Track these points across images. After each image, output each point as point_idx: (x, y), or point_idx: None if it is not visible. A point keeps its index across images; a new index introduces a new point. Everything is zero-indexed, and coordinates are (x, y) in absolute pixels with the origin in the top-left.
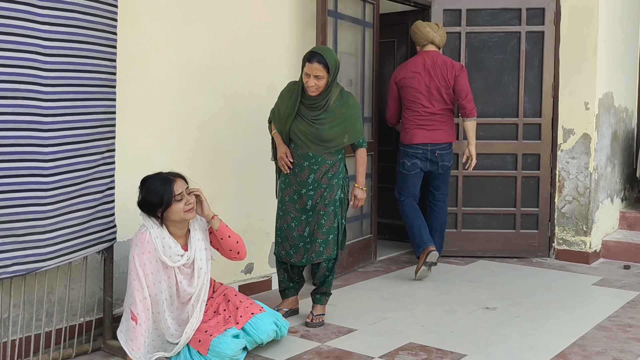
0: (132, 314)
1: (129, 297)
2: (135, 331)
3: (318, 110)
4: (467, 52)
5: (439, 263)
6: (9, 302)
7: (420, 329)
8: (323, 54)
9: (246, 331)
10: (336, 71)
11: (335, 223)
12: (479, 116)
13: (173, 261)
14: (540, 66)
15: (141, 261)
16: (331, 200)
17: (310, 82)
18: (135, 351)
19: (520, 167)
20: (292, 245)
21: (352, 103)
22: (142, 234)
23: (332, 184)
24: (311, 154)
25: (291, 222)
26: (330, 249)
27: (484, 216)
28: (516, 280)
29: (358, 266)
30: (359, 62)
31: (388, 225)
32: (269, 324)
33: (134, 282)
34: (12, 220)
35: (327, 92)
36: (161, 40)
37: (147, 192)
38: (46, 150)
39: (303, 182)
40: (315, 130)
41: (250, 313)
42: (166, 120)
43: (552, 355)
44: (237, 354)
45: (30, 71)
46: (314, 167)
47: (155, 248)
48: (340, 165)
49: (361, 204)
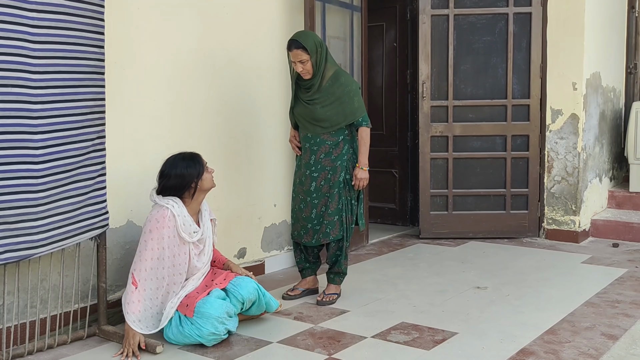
0: (134, 279)
1: (134, 264)
2: (133, 296)
3: (311, 90)
4: (455, 35)
5: (430, 245)
6: (3, 289)
7: (412, 308)
8: (299, 39)
9: (229, 292)
10: (318, 49)
11: (340, 204)
12: (469, 98)
13: (191, 237)
14: (528, 47)
15: (160, 235)
16: (335, 182)
17: (298, 68)
18: (130, 314)
19: (509, 148)
20: (303, 227)
21: (344, 81)
22: (164, 210)
23: (336, 166)
24: (310, 135)
25: (300, 204)
26: (337, 229)
27: (474, 198)
28: (507, 260)
29: (350, 249)
30: (347, 46)
31: (380, 208)
32: (250, 282)
33: (145, 252)
34: (4, 208)
35: (318, 71)
36: (148, 27)
37: (182, 168)
38: (36, 137)
39: (307, 164)
40: (309, 111)
41: (233, 276)
42: (156, 107)
43: (541, 331)
44: (222, 316)
45: (18, 58)
46: (314, 148)
47: (175, 224)
48: (344, 147)
49: (363, 184)
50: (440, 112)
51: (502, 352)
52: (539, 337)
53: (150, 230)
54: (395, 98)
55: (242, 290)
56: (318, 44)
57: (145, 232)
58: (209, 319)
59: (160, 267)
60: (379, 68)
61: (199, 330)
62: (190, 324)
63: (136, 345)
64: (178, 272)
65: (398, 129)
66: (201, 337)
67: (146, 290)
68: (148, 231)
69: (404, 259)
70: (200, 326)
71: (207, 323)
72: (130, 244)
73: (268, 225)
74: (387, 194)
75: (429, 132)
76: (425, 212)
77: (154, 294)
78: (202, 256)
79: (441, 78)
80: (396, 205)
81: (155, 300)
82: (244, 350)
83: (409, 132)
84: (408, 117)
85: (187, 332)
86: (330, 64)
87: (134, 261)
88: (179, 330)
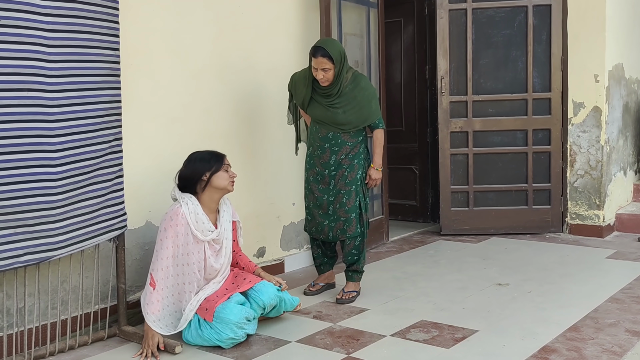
0: (152, 279)
1: (152, 264)
2: (152, 296)
3: (331, 97)
4: (474, 29)
5: (451, 241)
6: (24, 291)
7: (432, 306)
8: (326, 47)
9: (249, 297)
10: (342, 60)
11: (357, 202)
12: (488, 92)
13: (204, 235)
14: (549, 40)
15: (174, 232)
16: (352, 180)
17: (319, 75)
18: (150, 314)
19: (530, 142)
20: (319, 223)
21: (364, 85)
22: (177, 207)
23: (353, 164)
24: (331, 135)
25: (316, 201)
26: (353, 226)
27: (495, 193)
28: (529, 256)
29: (370, 247)
30: (364, 43)
31: (400, 205)
32: (271, 287)
33: (161, 251)
34: (23, 211)
35: (338, 80)
36: (162, 28)
37: (198, 161)
38: (53, 140)
39: (325, 164)
40: (331, 115)
41: (255, 281)
42: (171, 108)
43: (564, 328)
44: (242, 321)
45: (34, 63)
46: (335, 149)
47: (187, 222)
48: (361, 147)
49: (376, 184)
50: (460, 107)
51: (523, 350)
52: (562, 334)
53: (165, 229)
54: (415, 94)
55: (263, 295)
56: (342, 54)
57: (160, 231)
58: (228, 324)
59: (175, 265)
60: (398, 64)
61: (218, 334)
62: (209, 328)
63: (155, 345)
64: (192, 270)
65: (417, 125)
66: (220, 341)
67: (164, 289)
68: (163, 229)
69: (425, 256)
70: (220, 331)
71: (226, 328)
72: (149, 245)
73: (287, 224)
74: (408, 190)
75: (449, 128)
76: (445, 208)
77: (170, 293)
78: (219, 257)
79: (460, 73)
80: (417, 202)
81: (172, 298)
82: (262, 350)
83: (428, 128)
84: (427, 113)
85: (206, 335)
86: (347, 68)
87: (152, 261)
88: (198, 333)
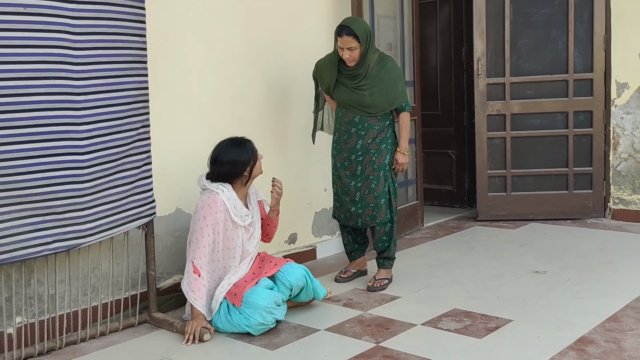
0: (194, 267)
1: (191, 252)
2: (198, 282)
3: (358, 78)
4: (511, 8)
5: (488, 227)
6: (55, 278)
7: (465, 295)
8: (351, 26)
9: (276, 279)
10: (368, 39)
11: (385, 187)
12: (527, 74)
13: (243, 221)
14: (591, 18)
15: (214, 219)
16: (380, 165)
17: (345, 55)
18: (199, 300)
19: (571, 125)
20: (347, 210)
21: (390, 66)
22: (215, 196)
23: (381, 149)
24: (357, 119)
25: (344, 187)
26: (383, 212)
27: (534, 178)
28: (568, 243)
29: (404, 233)
30: (397, 24)
31: (436, 190)
32: (298, 268)
33: (202, 238)
34: (51, 199)
35: (364, 60)
36: (191, 13)
37: (236, 155)
38: (80, 128)
39: (352, 148)
40: (357, 97)
41: (281, 264)
42: (201, 94)
43: (603, 318)
44: (270, 305)
45: (60, 50)
46: (361, 133)
47: (226, 209)
48: (389, 131)
49: (403, 169)
50: (497, 89)
51: (558, 341)
52: (600, 325)
53: (204, 217)
54: (451, 77)
55: (289, 276)
56: (368, 32)
57: (199, 219)
58: (257, 309)
59: (215, 251)
60: (433, 46)
61: (247, 320)
62: (238, 314)
63: (199, 329)
64: (232, 255)
65: (454, 109)
66: (249, 327)
67: (206, 275)
68: (202, 217)
69: (460, 243)
70: (249, 316)
71: (255, 313)
72: (180, 232)
73: (319, 210)
74: (444, 175)
75: (485, 111)
76: (482, 193)
77: (212, 278)
78: (252, 239)
79: (497, 54)
80: (453, 187)
81: (213, 283)
82: (290, 338)
83: (465, 111)
84: (464, 96)
85: (236, 321)
86: (373, 49)
87: (192, 249)
88: (227, 319)
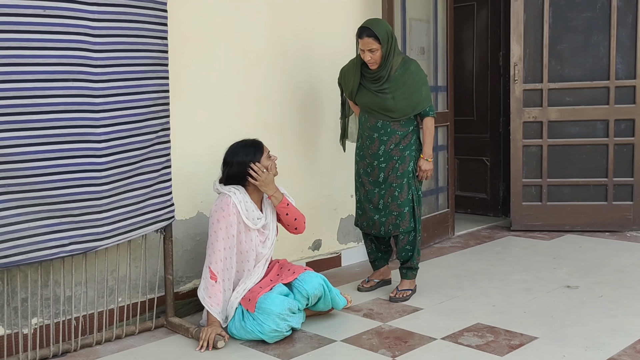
0: (212, 273)
1: (208, 257)
2: (214, 288)
3: (380, 81)
4: (551, 12)
5: (522, 238)
6: (72, 280)
7: (490, 308)
8: (371, 27)
9: (293, 287)
10: (389, 40)
11: (409, 195)
12: (566, 80)
13: (255, 224)
14: (634, 23)
15: (227, 223)
16: (404, 172)
17: (366, 57)
18: (215, 307)
19: (612, 133)
20: (370, 217)
21: (413, 70)
22: (227, 198)
23: (404, 156)
24: (380, 124)
25: (367, 194)
26: (407, 221)
27: (571, 187)
28: (605, 256)
29: (434, 242)
30: (431, 28)
31: (470, 198)
32: (315, 277)
33: (217, 243)
34: (68, 201)
35: (386, 62)
36: (214, 15)
37: (243, 155)
38: (99, 131)
39: (374, 154)
40: (380, 101)
41: (299, 272)
42: (225, 97)
43: (634, 339)
44: (284, 312)
45: (79, 53)
46: (384, 139)
47: (238, 211)
48: (413, 137)
49: (427, 176)
50: (534, 95)
51: None
52: (630, 346)
53: (217, 220)
54: (487, 82)
55: (306, 285)
56: (390, 34)
57: (213, 223)
58: (270, 315)
59: (230, 257)
60: (469, 51)
61: (260, 326)
62: (252, 319)
63: (213, 336)
64: (246, 258)
65: (490, 115)
66: (263, 334)
67: (223, 281)
68: (215, 221)
69: (490, 253)
70: (262, 322)
71: (268, 319)
72: (200, 236)
73: (344, 217)
74: (478, 183)
75: (521, 118)
76: (516, 202)
77: (228, 284)
78: (267, 242)
79: (535, 59)
80: (487, 195)
81: (228, 288)
82: (305, 348)
83: (501, 117)
84: (500, 102)
85: (249, 327)
86: (397, 52)
87: (208, 254)
88: (242, 325)
